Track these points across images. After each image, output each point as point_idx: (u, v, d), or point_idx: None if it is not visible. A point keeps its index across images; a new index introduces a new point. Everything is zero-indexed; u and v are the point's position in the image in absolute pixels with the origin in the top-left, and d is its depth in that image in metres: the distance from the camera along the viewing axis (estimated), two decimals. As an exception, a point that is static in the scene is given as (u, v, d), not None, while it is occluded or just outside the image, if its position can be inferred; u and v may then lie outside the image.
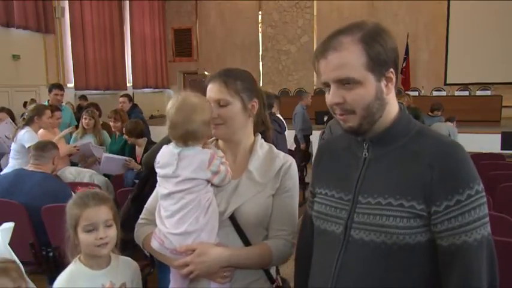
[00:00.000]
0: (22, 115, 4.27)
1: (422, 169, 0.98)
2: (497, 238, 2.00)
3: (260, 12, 13.45)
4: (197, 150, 1.30)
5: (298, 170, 1.53)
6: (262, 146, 1.43)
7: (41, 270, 2.69)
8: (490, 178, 4.03)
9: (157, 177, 1.35)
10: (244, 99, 1.37)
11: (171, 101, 1.33)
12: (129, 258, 1.50)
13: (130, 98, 6.48)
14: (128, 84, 12.27)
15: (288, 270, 1.64)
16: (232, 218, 1.33)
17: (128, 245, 1.52)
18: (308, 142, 7.06)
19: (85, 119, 4.74)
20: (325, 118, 6.57)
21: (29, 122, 4.06)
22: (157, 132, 5.77)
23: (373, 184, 1.04)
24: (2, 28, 8.29)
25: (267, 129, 1.50)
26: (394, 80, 1.05)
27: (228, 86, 1.35)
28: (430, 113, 7.02)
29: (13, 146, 4.02)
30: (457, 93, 10.86)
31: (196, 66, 14.02)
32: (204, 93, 1.38)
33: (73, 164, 4.43)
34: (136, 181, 3.08)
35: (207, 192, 1.30)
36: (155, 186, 1.41)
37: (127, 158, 4.14)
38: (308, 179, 5.01)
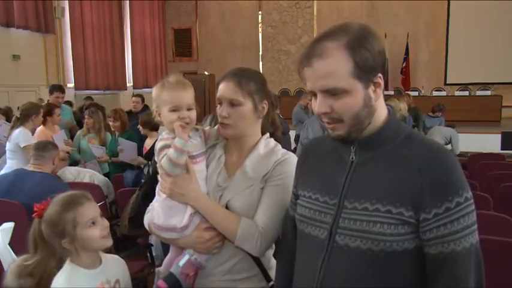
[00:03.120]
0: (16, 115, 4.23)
1: (412, 175, 0.96)
2: (497, 238, 2.00)
3: (260, 12, 13.46)
4: (162, 135, 1.41)
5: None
6: (268, 145, 1.43)
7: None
8: (490, 178, 4.04)
9: None
10: (256, 100, 1.37)
11: None
12: (116, 256, 1.51)
13: (143, 99, 6.52)
14: (128, 84, 12.27)
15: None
16: None
17: (127, 245, 1.53)
18: (308, 142, 7.06)
19: (86, 118, 4.79)
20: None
21: (23, 121, 4.03)
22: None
23: (360, 189, 1.02)
24: (2, 28, 8.29)
25: (276, 129, 1.51)
26: (382, 84, 1.02)
27: (242, 87, 1.35)
28: (430, 114, 7.02)
29: (8, 146, 3.99)
30: (457, 93, 10.85)
31: (196, 66, 14.01)
32: (202, 91, 1.39)
33: (73, 164, 4.44)
34: (142, 181, 3.11)
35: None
36: None
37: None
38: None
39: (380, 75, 1.01)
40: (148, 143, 4.27)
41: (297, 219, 1.16)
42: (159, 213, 1.38)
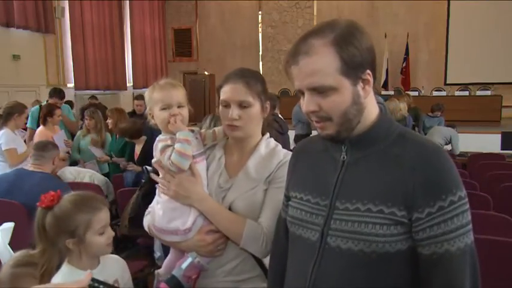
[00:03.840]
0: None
1: (404, 175, 0.94)
2: (497, 238, 2.00)
3: (260, 12, 13.46)
4: (159, 137, 1.41)
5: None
6: (269, 145, 1.44)
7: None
8: (490, 178, 4.04)
9: None
10: (263, 101, 1.39)
11: None
12: (116, 256, 1.50)
13: None
14: (128, 84, 12.27)
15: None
16: None
17: (127, 245, 1.53)
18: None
19: (86, 119, 4.80)
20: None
21: (6, 120, 4.00)
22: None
23: (352, 189, 0.99)
24: (2, 28, 8.29)
25: (270, 129, 1.51)
26: (371, 81, 1.00)
27: (250, 88, 1.34)
28: (430, 113, 7.03)
29: None
30: (457, 93, 10.84)
31: (196, 66, 14.02)
32: (202, 91, 1.39)
33: (73, 164, 4.44)
34: (142, 181, 3.09)
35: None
36: None
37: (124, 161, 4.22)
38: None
39: (369, 71, 0.98)
40: (137, 149, 4.24)
41: (288, 222, 1.14)
42: (161, 216, 1.37)
